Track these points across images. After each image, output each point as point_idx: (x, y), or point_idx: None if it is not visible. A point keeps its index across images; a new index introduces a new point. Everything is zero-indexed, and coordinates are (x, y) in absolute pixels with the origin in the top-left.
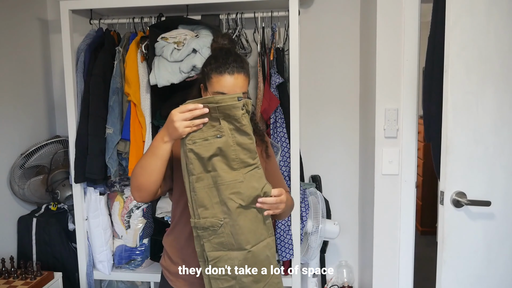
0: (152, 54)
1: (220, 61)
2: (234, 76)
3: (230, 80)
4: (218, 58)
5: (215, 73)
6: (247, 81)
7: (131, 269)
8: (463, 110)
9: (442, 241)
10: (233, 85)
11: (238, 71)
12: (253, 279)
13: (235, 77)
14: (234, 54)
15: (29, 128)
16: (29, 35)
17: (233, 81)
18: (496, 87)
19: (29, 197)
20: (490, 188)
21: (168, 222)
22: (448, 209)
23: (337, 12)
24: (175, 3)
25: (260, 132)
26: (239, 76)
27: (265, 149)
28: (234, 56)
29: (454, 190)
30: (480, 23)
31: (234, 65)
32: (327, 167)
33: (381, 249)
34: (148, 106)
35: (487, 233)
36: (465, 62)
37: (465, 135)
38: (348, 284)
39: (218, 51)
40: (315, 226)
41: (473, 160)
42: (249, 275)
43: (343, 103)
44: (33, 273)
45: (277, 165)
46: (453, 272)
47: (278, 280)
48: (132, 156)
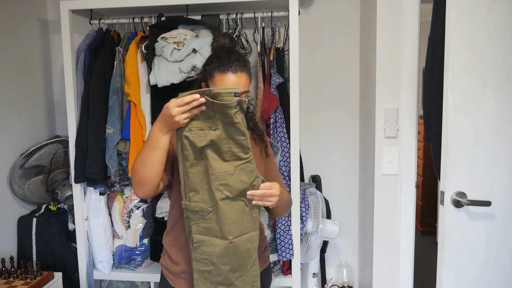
0: (152, 54)
1: (223, 59)
2: (237, 74)
3: (233, 78)
4: (221, 57)
5: (218, 71)
6: (249, 80)
7: (131, 269)
8: (463, 110)
9: (442, 241)
10: (236, 83)
11: (241, 70)
12: (230, 268)
13: (238, 75)
14: (237, 53)
15: (29, 128)
16: (29, 35)
17: (236, 79)
18: (496, 87)
19: (29, 197)
20: (490, 188)
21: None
22: (449, 209)
23: (337, 12)
24: (175, 3)
25: (260, 132)
26: (242, 75)
27: (265, 148)
28: (237, 55)
29: (455, 190)
30: (480, 23)
31: (237, 64)
32: (327, 167)
33: (381, 249)
34: (148, 106)
35: (487, 233)
36: (465, 62)
37: (465, 135)
38: (348, 284)
39: (220, 50)
40: (315, 226)
41: (473, 160)
42: (227, 263)
43: (343, 103)
44: (33, 273)
45: (276, 165)
46: (453, 273)
47: (255, 273)
48: (132, 156)
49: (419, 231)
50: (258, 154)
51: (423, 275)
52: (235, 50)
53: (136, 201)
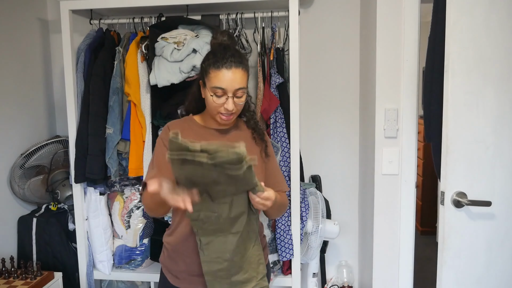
0: (152, 54)
1: (218, 56)
2: (231, 70)
3: (228, 74)
4: (216, 53)
5: (213, 68)
6: (245, 76)
7: (131, 269)
8: (464, 110)
9: (442, 241)
10: (231, 79)
11: (236, 66)
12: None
13: (232, 71)
14: (233, 49)
15: (29, 128)
16: (29, 35)
17: (231, 75)
18: (496, 87)
19: (29, 197)
20: (490, 188)
21: (168, 222)
22: (449, 209)
23: (337, 12)
24: (175, 3)
25: (260, 131)
26: (237, 70)
27: (265, 148)
28: (233, 51)
29: (455, 190)
30: (480, 23)
31: (232, 60)
32: (327, 167)
33: (381, 249)
34: (148, 106)
35: (488, 233)
36: (466, 62)
37: (466, 135)
38: (348, 284)
39: (217, 46)
40: (315, 226)
41: (473, 160)
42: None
43: (343, 103)
44: (33, 273)
45: (277, 164)
46: (453, 273)
47: (259, 252)
48: (132, 156)
49: (419, 231)
50: (257, 154)
51: (423, 275)
52: (232, 46)
53: (136, 201)
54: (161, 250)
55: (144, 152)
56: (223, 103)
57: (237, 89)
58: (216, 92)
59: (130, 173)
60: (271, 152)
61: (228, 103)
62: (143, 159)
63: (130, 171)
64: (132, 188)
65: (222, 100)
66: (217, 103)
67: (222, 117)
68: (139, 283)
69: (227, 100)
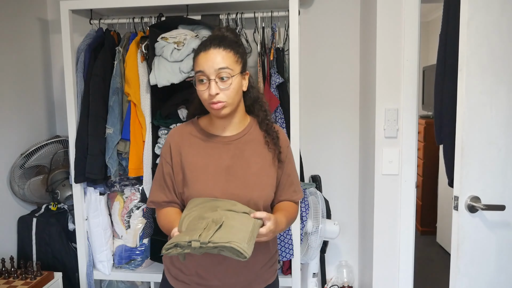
0: (152, 54)
1: (202, 43)
2: (209, 51)
3: (205, 56)
4: (203, 42)
5: (196, 56)
6: (231, 57)
7: (131, 269)
8: (478, 110)
9: (456, 248)
10: (209, 60)
11: (214, 46)
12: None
13: (211, 52)
14: (220, 36)
15: (29, 128)
16: (29, 35)
17: (209, 56)
18: (508, 86)
19: (29, 197)
20: (503, 192)
21: None
22: (463, 215)
23: (337, 12)
24: (175, 3)
25: (274, 135)
26: (216, 50)
27: (278, 154)
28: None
29: (469, 195)
30: (494, 20)
31: (211, 43)
32: (327, 167)
33: (381, 249)
34: (148, 106)
35: (499, 237)
36: (480, 61)
37: (479, 137)
38: (348, 284)
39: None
40: (315, 226)
41: (486, 163)
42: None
43: (343, 103)
44: (33, 273)
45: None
46: (467, 281)
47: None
48: (132, 156)
49: (419, 231)
50: (269, 160)
51: (423, 275)
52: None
53: (136, 201)
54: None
55: (144, 152)
56: (207, 89)
57: (217, 70)
58: (198, 77)
59: (130, 173)
60: (284, 158)
61: (210, 87)
62: (143, 159)
63: (130, 171)
64: (132, 188)
65: (206, 86)
66: (201, 90)
67: (213, 106)
68: (139, 283)
69: (210, 84)
